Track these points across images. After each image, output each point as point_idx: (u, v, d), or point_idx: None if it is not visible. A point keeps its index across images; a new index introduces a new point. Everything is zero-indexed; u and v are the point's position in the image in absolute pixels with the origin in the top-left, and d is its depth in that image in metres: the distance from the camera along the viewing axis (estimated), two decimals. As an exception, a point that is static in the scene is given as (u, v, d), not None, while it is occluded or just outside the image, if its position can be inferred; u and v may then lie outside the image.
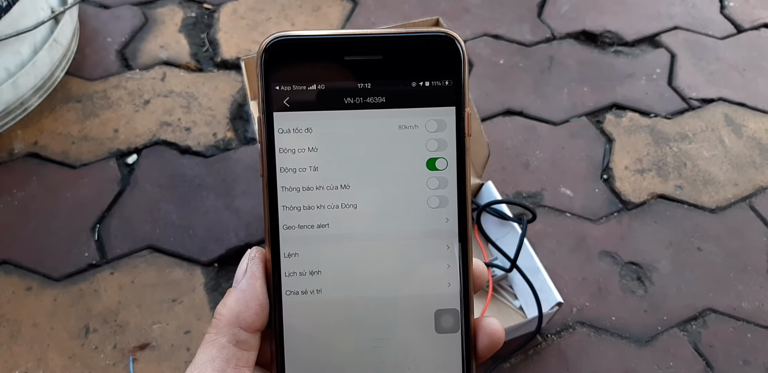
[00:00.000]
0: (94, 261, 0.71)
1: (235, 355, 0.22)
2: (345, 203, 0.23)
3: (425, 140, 0.23)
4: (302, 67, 0.23)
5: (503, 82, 0.91)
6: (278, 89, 0.23)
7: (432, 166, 0.24)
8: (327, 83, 0.23)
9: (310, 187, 0.23)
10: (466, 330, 0.24)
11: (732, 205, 0.79)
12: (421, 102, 0.23)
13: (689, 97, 0.91)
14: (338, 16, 0.99)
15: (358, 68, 0.23)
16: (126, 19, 0.98)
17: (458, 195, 0.24)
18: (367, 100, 0.23)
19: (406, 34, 0.23)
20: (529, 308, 0.62)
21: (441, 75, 0.23)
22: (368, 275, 0.24)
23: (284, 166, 0.23)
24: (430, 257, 0.24)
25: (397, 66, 0.23)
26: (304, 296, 0.24)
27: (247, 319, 0.23)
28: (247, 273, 0.24)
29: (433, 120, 0.23)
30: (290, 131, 0.23)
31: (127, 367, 0.63)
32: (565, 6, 1.03)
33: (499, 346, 0.24)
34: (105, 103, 0.87)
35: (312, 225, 0.23)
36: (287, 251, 0.24)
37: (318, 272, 0.24)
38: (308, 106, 0.23)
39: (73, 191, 0.77)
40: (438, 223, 0.24)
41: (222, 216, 0.75)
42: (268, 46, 0.23)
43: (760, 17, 1.03)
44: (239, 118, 0.86)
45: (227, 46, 0.94)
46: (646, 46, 0.98)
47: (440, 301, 0.24)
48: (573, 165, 0.82)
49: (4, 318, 0.67)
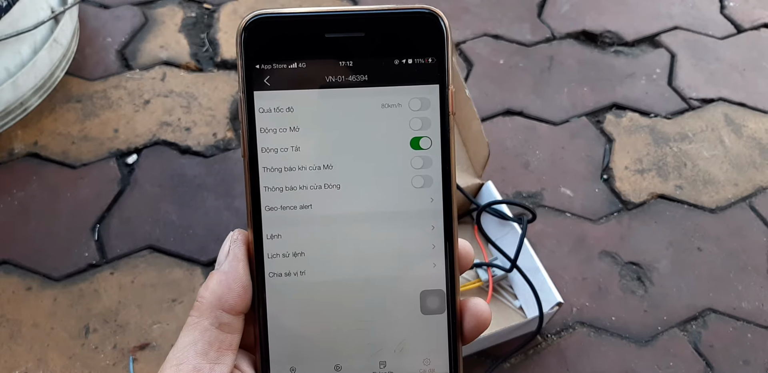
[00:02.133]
0: (94, 261, 0.71)
1: (217, 338, 0.22)
2: (328, 183, 0.23)
3: (409, 119, 0.23)
4: (282, 45, 0.22)
5: (503, 82, 0.91)
6: (258, 68, 0.22)
7: (416, 146, 0.23)
8: (308, 61, 0.22)
9: (292, 167, 0.23)
10: (452, 311, 0.24)
11: (732, 205, 0.79)
12: (404, 80, 0.23)
13: (689, 97, 0.91)
14: (338, 16, 0.99)
15: (339, 46, 0.22)
16: (126, 19, 0.98)
17: (443, 175, 0.23)
18: (349, 79, 0.23)
19: (388, 11, 0.22)
20: (529, 308, 0.62)
21: (424, 52, 0.23)
22: (352, 256, 0.23)
23: (265, 147, 0.23)
24: (414, 237, 0.23)
25: (379, 43, 0.23)
26: (287, 278, 0.23)
27: (229, 301, 0.22)
28: (229, 255, 0.23)
29: (416, 98, 0.23)
30: (271, 111, 0.23)
31: (127, 367, 0.63)
32: (565, 6, 1.03)
33: (486, 327, 0.24)
34: (105, 103, 0.87)
35: (295, 206, 0.23)
36: (270, 232, 0.23)
37: (301, 253, 0.23)
38: (289, 85, 0.23)
39: (73, 191, 0.77)
40: (423, 203, 0.23)
41: (222, 216, 0.75)
42: (248, 24, 0.22)
43: (760, 17, 1.03)
44: (239, 119, 0.86)
45: (227, 46, 0.94)
46: (646, 46, 0.98)
47: (426, 282, 0.24)
48: (573, 165, 0.82)
49: (4, 318, 0.67)
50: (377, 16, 0.22)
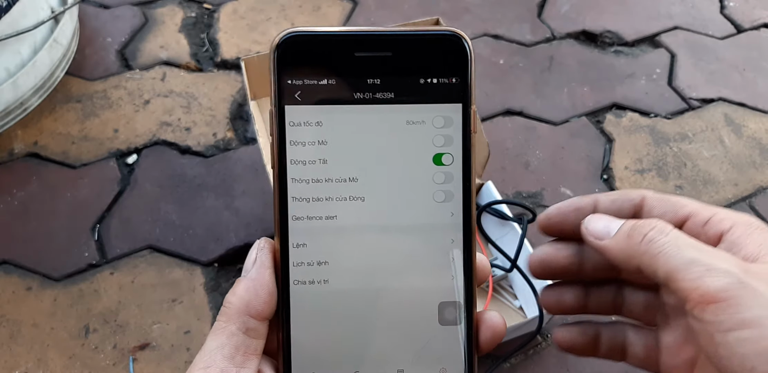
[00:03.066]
0: (94, 261, 0.71)
1: (244, 342, 0.23)
2: (353, 195, 0.24)
3: (432, 136, 0.24)
4: (314, 62, 0.23)
5: (503, 82, 0.91)
6: (290, 83, 0.23)
7: (438, 162, 0.24)
8: (337, 78, 0.23)
9: (319, 179, 0.24)
10: (468, 322, 0.24)
11: (732, 205, 0.79)
12: (428, 98, 0.24)
13: (689, 97, 0.91)
14: (338, 16, 1.00)
15: (367, 64, 0.23)
16: (126, 19, 0.98)
17: (463, 190, 0.24)
18: (376, 96, 0.24)
19: (415, 32, 0.24)
20: (529, 308, 0.62)
21: (448, 73, 0.24)
22: (374, 266, 0.24)
23: (294, 159, 0.24)
24: (434, 250, 0.24)
25: (405, 63, 0.24)
26: (311, 286, 0.24)
27: (256, 307, 0.23)
28: (256, 262, 0.24)
29: (440, 116, 0.24)
30: (301, 124, 0.24)
31: (127, 367, 0.63)
32: (565, 6, 1.03)
33: (501, 339, 0.25)
34: (105, 103, 0.87)
35: (320, 216, 0.24)
36: (296, 241, 0.24)
37: (325, 262, 0.24)
38: (319, 100, 0.23)
39: (73, 191, 0.77)
40: (443, 217, 0.24)
41: (222, 216, 0.75)
42: (281, 41, 0.23)
43: (760, 17, 1.03)
44: (239, 118, 0.86)
45: (227, 46, 0.94)
46: (646, 46, 0.98)
47: (444, 293, 0.24)
48: (573, 165, 0.82)
49: (4, 318, 0.67)
50: (405, 37, 0.23)
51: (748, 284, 0.20)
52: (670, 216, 0.25)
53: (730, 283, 0.20)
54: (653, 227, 0.23)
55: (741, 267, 0.21)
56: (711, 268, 0.21)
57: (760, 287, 0.20)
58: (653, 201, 0.26)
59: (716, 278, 0.20)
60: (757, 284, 0.20)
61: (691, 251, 0.21)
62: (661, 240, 0.22)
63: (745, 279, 0.20)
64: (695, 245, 0.22)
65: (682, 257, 0.21)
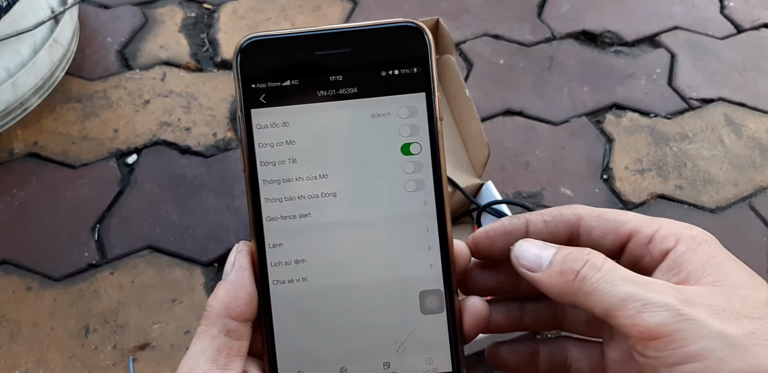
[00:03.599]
0: (94, 261, 0.71)
1: (226, 344, 0.23)
2: (324, 191, 0.24)
3: (398, 126, 0.24)
4: (275, 64, 0.24)
5: (503, 82, 0.91)
6: (254, 87, 0.24)
7: (407, 151, 0.24)
8: (300, 78, 0.24)
9: (290, 178, 0.24)
10: (451, 310, 0.24)
11: (732, 205, 0.79)
12: (391, 90, 0.24)
13: (689, 97, 0.91)
14: (338, 16, 1.00)
15: (328, 62, 0.24)
16: (126, 19, 0.98)
17: (434, 178, 0.24)
18: (339, 92, 0.24)
19: (372, 27, 0.24)
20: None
21: (409, 63, 0.24)
22: (352, 260, 0.24)
23: (264, 160, 0.24)
24: (410, 239, 0.24)
25: (365, 57, 0.24)
26: (290, 285, 0.24)
27: (236, 309, 0.23)
28: (234, 265, 0.24)
29: (404, 106, 0.24)
30: (268, 126, 0.24)
31: (127, 367, 0.63)
32: (565, 6, 1.03)
33: (485, 324, 0.25)
34: (105, 103, 0.87)
35: (294, 215, 0.24)
36: (272, 241, 0.24)
37: (303, 260, 0.24)
38: (283, 101, 0.24)
39: (73, 191, 0.77)
40: (416, 206, 0.24)
41: (222, 216, 0.75)
42: (242, 47, 0.24)
43: (760, 17, 1.03)
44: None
45: (227, 46, 0.94)
46: (646, 46, 0.98)
47: (423, 282, 0.24)
48: (573, 165, 0.82)
49: (4, 318, 0.67)
50: (362, 32, 0.24)
51: (687, 315, 0.20)
52: (611, 238, 0.24)
53: (669, 317, 0.20)
54: (585, 262, 0.22)
55: (679, 297, 0.20)
56: (647, 303, 0.20)
57: (701, 315, 0.20)
58: (591, 221, 0.24)
59: (654, 314, 0.20)
60: (698, 313, 0.20)
61: (625, 286, 0.21)
62: (594, 277, 0.21)
63: (684, 310, 0.20)
64: (630, 278, 0.21)
65: (617, 294, 0.21)
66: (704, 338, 0.19)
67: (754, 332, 0.19)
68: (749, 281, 0.21)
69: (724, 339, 0.19)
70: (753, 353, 0.19)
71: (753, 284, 0.21)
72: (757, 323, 0.20)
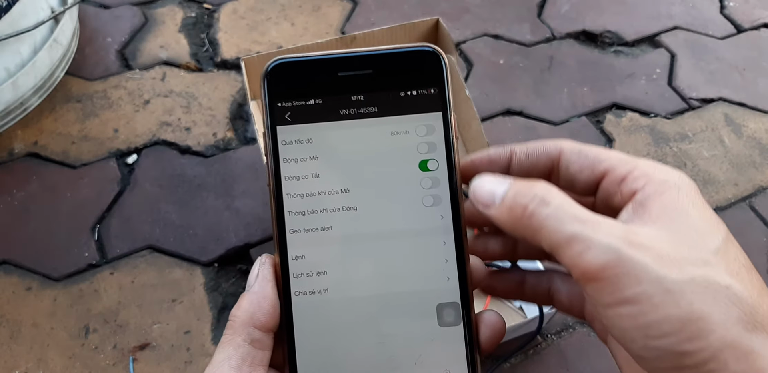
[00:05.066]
0: (94, 261, 0.71)
1: (250, 353, 0.23)
2: (346, 205, 0.25)
3: (416, 144, 0.25)
4: (301, 85, 0.25)
5: (503, 82, 0.91)
6: (280, 106, 0.25)
7: (424, 168, 0.25)
8: (324, 98, 0.25)
9: (313, 192, 0.25)
10: (468, 323, 0.25)
11: (732, 205, 0.79)
12: (410, 109, 0.25)
13: (689, 97, 0.91)
14: (338, 16, 1.00)
15: (351, 83, 0.25)
16: (126, 19, 0.98)
17: (450, 193, 0.25)
18: (360, 111, 0.25)
19: (392, 51, 0.25)
20: (529, 307, 0.62)
21: (427, 85, 0.25)
22: (371, 273, 0.25)
23: (288, 175, 0.25)
24: (428, 253, 0.25)
25: (386, 79, 0.25)
26: (312, 296, 0.25)
27: (260, 319, 0.24)
28: (258, 276, 0.25)
29: (422, 125, 0.25)
30: (292, 143, 0.25)
31: (127, 367, 0.64)
32: (565, 6, 1.03)
33: (501, 338, 0.25)
34: (105, 103, 0.87)
35: (316, 228, 0.25)
36: (294, 253, 0.25)
37: (324, 272, 0.25)
38: (308, 119, 0.25)
39: (73, 191, 0.77)
40: (434, 220, 0.25)
41: (222, 216, 0.75)
42: (270, 68, 0.25)
43: (760, 17, 1.03)
44: (239, 118, 0.86)
45: (227, 46, 0.94)
46: (646, 46, 0.98)
47: (441, 295, 0.25)
48: (573, 165, 0.82)
49: (4, 318, 0.67)
50: (383, 55, 0.25)
51: (629, 258, 0.19)
52: (587, 174, 0.24)
53: (609, 260, 0.19)
54: (533, 197, 0.21)
55: (625, 238, 0.20)
56: (591, 244, 0.20)
57: (643, 259, 0.19)
58: (571, 156, 0.24)
59: (596, 255, 0.20)
60: (640, 257, 0.19)
61: (573, 225, 0.20)
62: (543, 213, 0.21)
63: (626, 253, 0.19)
64: (578, 216, 0.21)
65: (564, 232, 0.20)
66: (642, 282, 0.19)
67: (695, 278, 0.19)
68: (706, 228, 0.21)
69: (661, 284, 0.19)
70: (689, 300, 0.19)
71: (708, 232, 0.21)
72: (700, 270, 0.19)
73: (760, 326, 0.19)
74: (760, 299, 0.20)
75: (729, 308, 0.19)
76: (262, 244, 0.73)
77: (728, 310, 0.19)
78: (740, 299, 0.19)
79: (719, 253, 0.20)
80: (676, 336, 0.19)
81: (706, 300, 0.19)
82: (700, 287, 0.19)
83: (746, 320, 0.19)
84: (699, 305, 0.19)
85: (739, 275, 0.20)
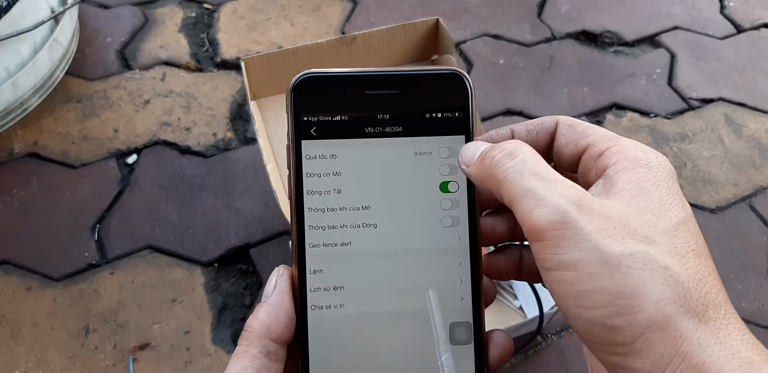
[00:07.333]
0: (94, 261, 0.71)
1: (265, 365, 0.23)
2: (366, 222, 0.25)
3: (438, 165, 0.25)
4: (328, 100, 0.25)
5: (503, 82, 0.91)
6: (306, 120, 0.25)
7: (444, 189, 0.26)
8: (350, 114, 0.25)
9: (334, 208, 0.25)
10: (479, 341, 0.25)
11: (732, 205, 0.79)
12: (433, 131, 0.26)
13: (689, 97, 0.91)
14: (338, 16, 1.00)
15: (377, 101, 0.25)
16: (126, 19, 0.98)
17: (469, 215, 0.25)
18: (385, 130, 0.25)
19: (421, 72, 0.26)
20: (530, 308, 0.62)
21: (451, 108, 0.26)
22: (387, 289, 0.25)
23: (311, 189, 0.25)
24: (444, 273, 0.25)
25: (412, 100, 0.25)
26: (327, 311, 0.25)
27: (277, 331, 0.24)
28: (276, 288, 0.25)
29: (445, 147, 0.26)
30: (316, 157, 0.25)
31: (127, 367, 0.64)
32: (565, 6, 1.03)
33: (509, 357, 0.25)
34: (105, 103, 0.87)
35: (336, 243, 0.25)
36: (313, 267, 0.25)
37: (341, 287, 0.25)
38: (333, 134, 0.25)
39: (73, 191, 0.77)
40: (451, 241, 0.25)
41: (222, 216, 0.75)
42: (297, 82, 0.25)
43: (760, 17, 1.03)
44: (239, 118, 0.86)
45: (227, 46, 0.94)
46: (646, 46, 0.98)
47: (454, 314, 0.25)
48: (573, 165, 0.82)
49: (4, 318, 0.67)
50: (411, 76, 0.26)
51: (573, 223, 0.19)
52: (571, 147, 0.24)
53: (554, 222, 0.19)
54: (502, 150, 0.22)
55: (577, 202, 0.20)
56: (541, 202, 0.20)
57: (587, 227, 0.19)
58: (562, 129, 0.25)
59: (542, 213, 0.20)
60: (586, 224, 0.19)
61: (530, 180, 0.21)
62: (507, 164, 0.21)
63: (573, 216, 0.19)
64: (539, 173, 0.21)
65: (521, 186, 0.21)
66: (581, 249, 0.19)
67: (635, 253, 0.19)
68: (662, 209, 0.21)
69: (599, 255, 0.19)
70: (625, 274, 0.19)
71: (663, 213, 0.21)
72: (644, 246, 0.19)
73: (692, 311, 0.19)
74: (698, 285, 0.19)
75: (664, 288, 0.19)
76: (262, 244, 0.73)
77: (662, 290, 0.19)
78: (677, 281, 0.19)
79: (668, 233, 0.20)
80: (606, 309, 0.19)
81: (643, 277, 0.19)
82: (639, 264, 0.19)
83: (680, 303, 0.19)
84: (633, 280, 0.19)
85: (683, 259, 0.20)
